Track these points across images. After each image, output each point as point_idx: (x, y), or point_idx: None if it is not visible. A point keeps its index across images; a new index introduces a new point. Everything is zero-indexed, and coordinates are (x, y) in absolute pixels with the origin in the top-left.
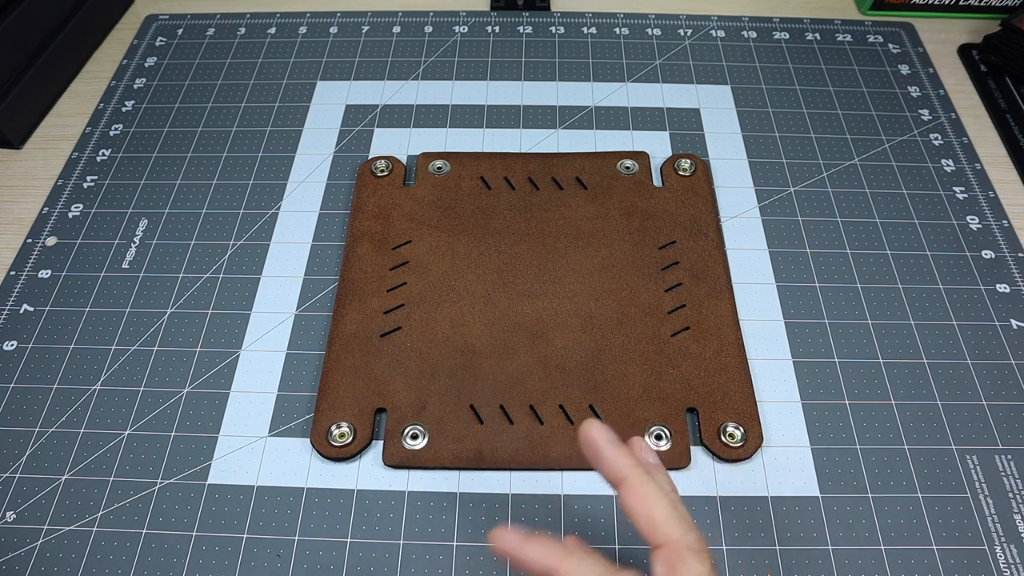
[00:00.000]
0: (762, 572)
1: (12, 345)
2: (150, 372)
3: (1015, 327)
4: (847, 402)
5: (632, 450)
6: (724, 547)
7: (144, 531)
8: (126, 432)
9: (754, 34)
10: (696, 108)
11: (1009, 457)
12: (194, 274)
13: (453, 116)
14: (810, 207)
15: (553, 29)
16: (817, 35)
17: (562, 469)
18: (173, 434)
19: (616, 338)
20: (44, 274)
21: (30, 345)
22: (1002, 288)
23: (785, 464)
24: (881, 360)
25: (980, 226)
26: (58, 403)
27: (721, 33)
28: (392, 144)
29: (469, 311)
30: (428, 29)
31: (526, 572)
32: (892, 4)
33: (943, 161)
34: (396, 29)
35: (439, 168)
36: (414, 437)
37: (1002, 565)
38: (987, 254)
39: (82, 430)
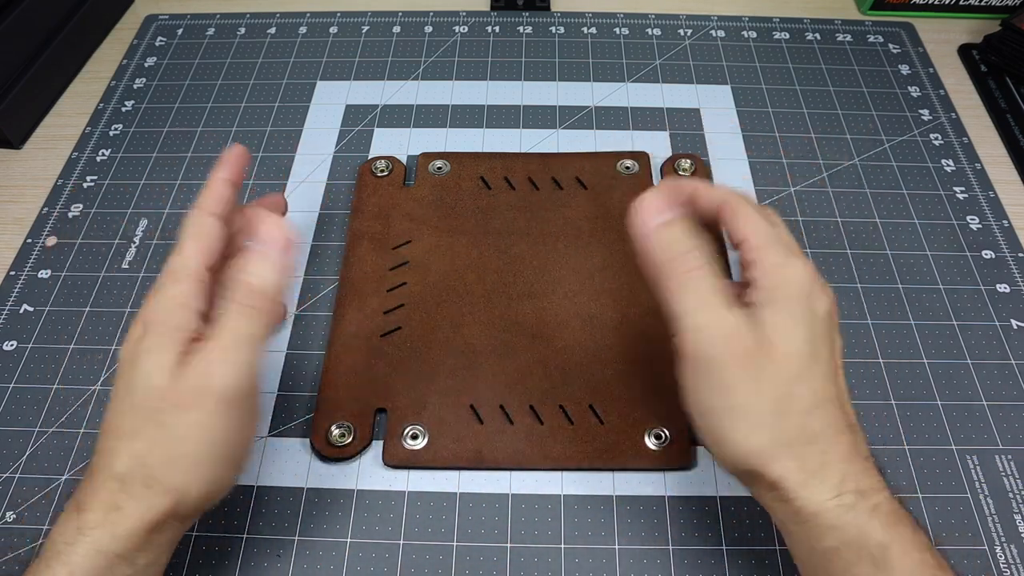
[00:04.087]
0: (762, 572)
1: (12, 345)
2: None
3: (1015, 327)
4: None
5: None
6: (724, 547)
7: None
8: None
9: (754, 34)
10: (696, 108)
11: (1009, 457)
12: None
13: (453, 116)
14: (810, 207)
15: (553, 29)
16: (817, 35)
17: (562, 469)
18: None
19: (616, 338)
20: (44, 274)
21: (30, 345)
22: (1002, 288)
23: None
24: (881, 360)
25: (980, 226)
26: (58, 403)
27: (721, 33)
28: (392, 144)
29: (469, 311)
30: (428, 29)
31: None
32: (892, 4)
33: (943, 161)
34: (396, 29)
35: (439, 168)
36: (414, 437)
37: (1002, 565)
38: (987, 254)
39: (82, 430)
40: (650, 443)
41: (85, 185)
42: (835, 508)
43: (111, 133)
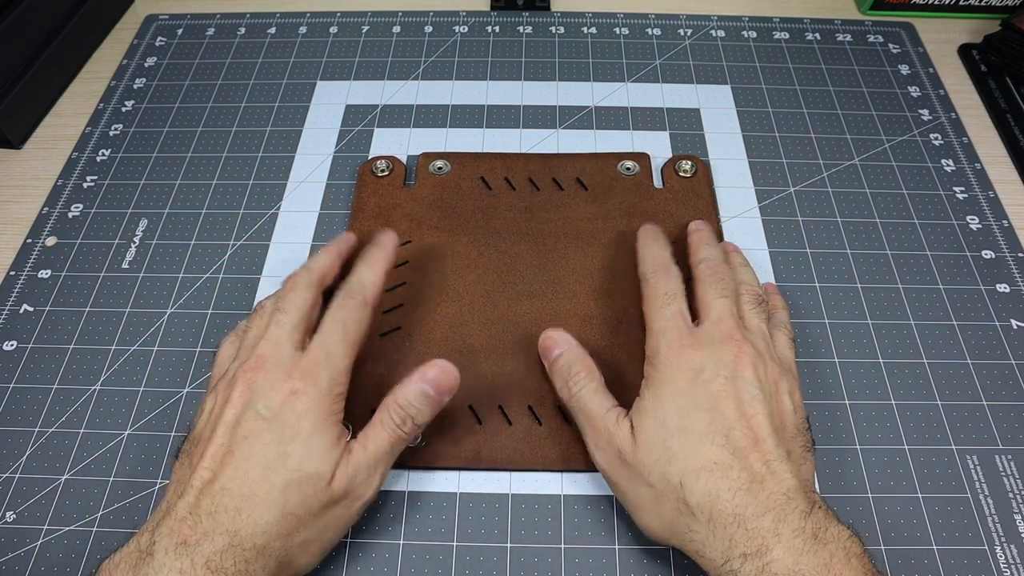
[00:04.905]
0: None
1: (12, 345)
2: (150, 372)
3: (1015, 327)
4: (847, 402)
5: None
6: None
7: None
8: (126, 432)
9: (754, 34)
10: (696, 108)
11: (1009, 457)
12: (194, 274)
13: (453, 116)
14: (810, 207)
15: (553, 29)
16: (817, 35)
17: (561, 470)
18: (173, 434)
19: (616, 339)
20: (44, 274)
21: (30, 345)
22: (1002, 288)
23: None
24: (881, 360)
25: (980, 226)
26: (58, 403)
27: (721, 33)
28: (392, 144)
29: (468, 311)
30: (428, 29)
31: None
32: (892, 4)
33: (943, 161)
34: (396, 29)
35: (439, 168)
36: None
37: (1002, 565)
38: (987, 254)
39: (82, 430)
40: None
41: (85, 185)
42: (727, 573)
43: (111, 133)
